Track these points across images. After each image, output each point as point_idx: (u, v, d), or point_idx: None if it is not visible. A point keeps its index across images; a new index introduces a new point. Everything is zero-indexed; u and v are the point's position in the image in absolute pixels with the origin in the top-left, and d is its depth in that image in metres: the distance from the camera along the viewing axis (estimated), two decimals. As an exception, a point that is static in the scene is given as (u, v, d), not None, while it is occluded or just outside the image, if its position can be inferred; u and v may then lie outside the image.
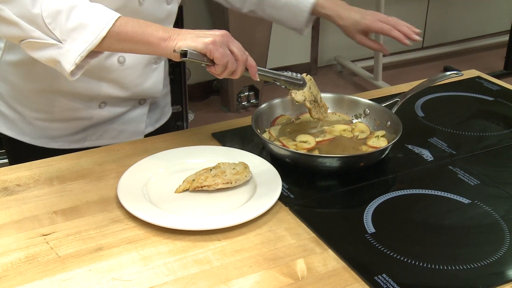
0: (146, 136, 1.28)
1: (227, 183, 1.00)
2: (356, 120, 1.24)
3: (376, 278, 0.82)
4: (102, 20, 0.91)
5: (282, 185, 1.02)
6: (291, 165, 1.09)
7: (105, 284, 0.82)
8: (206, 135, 1.22)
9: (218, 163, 1.04)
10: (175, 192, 1.01)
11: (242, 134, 1.23)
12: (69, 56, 0.91)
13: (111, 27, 0.91)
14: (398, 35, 1.22)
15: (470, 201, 1.00)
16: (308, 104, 1.12)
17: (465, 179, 1.06)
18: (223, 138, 1.20)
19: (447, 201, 1.01)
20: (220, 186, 1.00)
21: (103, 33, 0.91)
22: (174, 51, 0.92)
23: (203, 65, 0.95)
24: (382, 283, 0.81)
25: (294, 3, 1.26)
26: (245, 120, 1.26)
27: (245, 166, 1.03)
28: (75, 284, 0.82)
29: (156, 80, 1.22)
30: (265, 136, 1.16)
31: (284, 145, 1.12)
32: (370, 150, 1.13)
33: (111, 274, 0.84)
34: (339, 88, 3.53)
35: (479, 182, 1.06)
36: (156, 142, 1.20)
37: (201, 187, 1.00)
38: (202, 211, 0.97)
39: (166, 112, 1.36)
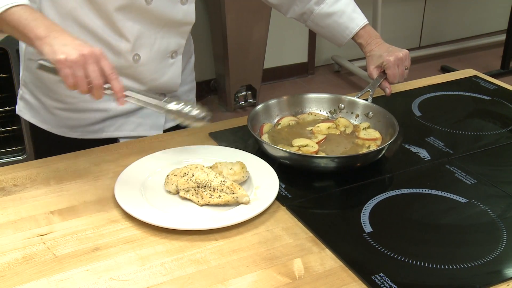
0: (166, 131, 1.29)
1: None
2: (331, 117, 1.25)
3: (373, 277, 0.82)
4: None
5: (280, 185, 1.02)
6: (288, 165, 1.09)
7: (102, 284, 0.82)
8: (203, 135, 1.22)
9: (215, 163, 1.04)
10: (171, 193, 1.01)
11: (240, 133, 1.23)
12: None
13: (2, 12, 0.93)
14: (389, 86, 1.32)
15: (467, 200, 1.00)
16: (183, 194, 0.98)
17: (462, 178, 1.07)
18: (220, 138, 1.20)
19: (444, 200, 1.01)
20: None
21: None
22: (29, 59, 0.94)
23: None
24: (379, 282, 0.81)
25: (337, 28, 1.32)
26: (243, 120, 1.26)
27: (242, 166, 1.03)
28: (72, 284, 0.82)
29: (173, 74, 1.23)
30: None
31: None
32: (367, 143, 1.15)
33: (108, 274, 0.84)
34: (336, 87, 3.53)
35: (476, 181, 1.06)
36: (153, 142, 1.20)
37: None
38: (199, 211, 0.97)
39: None
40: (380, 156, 1.10)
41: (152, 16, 1.11)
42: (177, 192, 1.00)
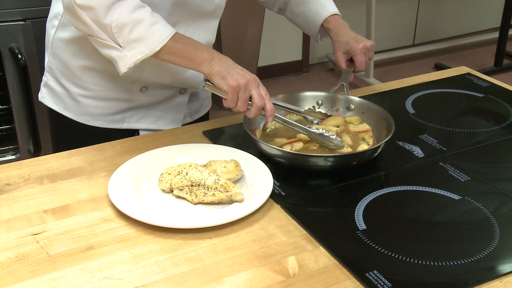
0: (183, 125, 1.32)
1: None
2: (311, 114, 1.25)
3: (367, 274, 0.82)
4: (159, 37, 1.04)
5: (274, 183, 1.02)
6: (282, 163, 1.09)
7: (96, 283, 0.82)
8: (197, 133, 1.22)
9: (209, 161, 1.04)
10: (164, 191, 1.01)
11: (233, 132, 1.23)
12: (125, 60, 1.05)
13: (165, 44, 1.04)
14: (352, 76, 1.35)
15: (460, 197, 1.00)
16: (177, 192, 0.99)
17: (455, 176, 1.07)
18: (214, 136, 1.20)
19: (438, 197, 1.01)
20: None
21: (157, 48, 1.04)
22: (204, 79, 1.08)
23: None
24: (373, 280, 0.81)
25: (309, 14, 1.35)
26: (236, 118, 1.26)
27: (236, 164, 1.03)
28: (65, 283, 0.82)
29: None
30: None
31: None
32: (361, 135, 1.16)
33: (102, 273, 0.84)
34: (331, 85, 3.52)
35: (469, 178, 1.06)
36: (147, 140, 1.19)
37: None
38: (193, 209, 0.97)
39: (205, 105, 1.40)
40: (376, 155, 1.10)
41: (190, 8, 1.16)
42: (171, 191, 1.00)
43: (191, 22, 1.18)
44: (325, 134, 1.12)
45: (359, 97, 1.26)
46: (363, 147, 1.13)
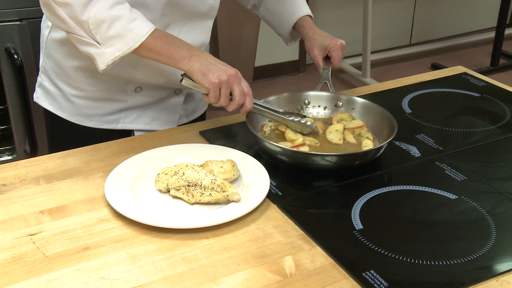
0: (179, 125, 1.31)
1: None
2: (300, 113, 1.25)
3: (364, 274, 0.82)
4: (138, 34, 1.02)
5: (270, 183, 1.02)
6: (279, 163, 1.09)
7: (92, 283, 0.82)
8: (194, 133, 1.22)
9: (206, 161, 1.04)
10: (160, 192, 1.01)
11: (230, 132, 1.22)
12: (103, 57, 1.04)
13: (143, 41, 1.03)
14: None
15: (457, 197, 1.01)
16: (173, 193, 0.99)
17: (452, 175, 1.07)
18: (211, 136, 1.20)
19: (434, 197, 1.01)
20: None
21: (136, 45, 1.03)
22: (182, 75, 1.07)
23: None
24: (370, 279, 0.81)
25: (283, 13, 1.36)
26: (233, 118, 1.26)
27: (233, 164, 1.03)
28: (62, 284, 0.81)
29: None
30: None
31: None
32: (357, 131, 1.17)
33: (98, 273, 0.83)
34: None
35: (465, 177, 1.06)
36: (144, 140, 1.19)
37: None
38: (190, 209, 0.97)
39: (202, 106, 1.39)
40: (379, 155, 1.10)
41: (184, 8, 1.15)
42: (168, 191, 1.00)
43: (185, 22, 1.18)
44: (302, 121, 1.15)
45: (358, 96, 1.26)
46: (367, 143, 1.13)
